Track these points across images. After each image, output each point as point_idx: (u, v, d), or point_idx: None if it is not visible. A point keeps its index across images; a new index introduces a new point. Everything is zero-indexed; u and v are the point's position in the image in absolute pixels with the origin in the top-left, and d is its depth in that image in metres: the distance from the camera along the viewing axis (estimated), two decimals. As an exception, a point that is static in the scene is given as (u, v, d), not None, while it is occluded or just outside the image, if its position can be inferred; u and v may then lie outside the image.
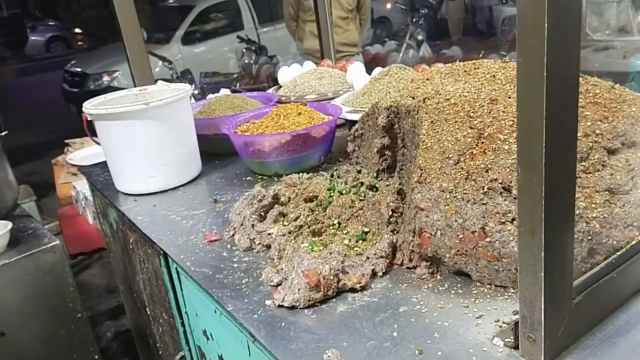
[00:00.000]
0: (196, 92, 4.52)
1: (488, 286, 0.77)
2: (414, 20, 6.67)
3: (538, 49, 0.47)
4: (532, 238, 0.54)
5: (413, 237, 0.82)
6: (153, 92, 1.45)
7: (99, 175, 1.55)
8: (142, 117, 1.24)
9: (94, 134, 1.35)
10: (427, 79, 1.02)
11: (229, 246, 0.99)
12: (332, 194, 1.04)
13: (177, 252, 1.01)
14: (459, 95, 0.90)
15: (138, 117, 1.24)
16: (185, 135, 1.36)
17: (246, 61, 5.02)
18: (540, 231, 0.53)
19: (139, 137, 1.26)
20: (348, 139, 1.25)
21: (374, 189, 1.04)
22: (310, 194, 1.07)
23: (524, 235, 0.55)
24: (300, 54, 3.57)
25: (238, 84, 4.84)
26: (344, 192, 1.04)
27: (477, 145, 0.81)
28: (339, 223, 0.97)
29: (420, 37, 5.92)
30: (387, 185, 1.02)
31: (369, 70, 1.77)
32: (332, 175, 1.18)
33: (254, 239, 0.97)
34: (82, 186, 2.01)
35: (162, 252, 1.05)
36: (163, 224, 1.14)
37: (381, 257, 0.85)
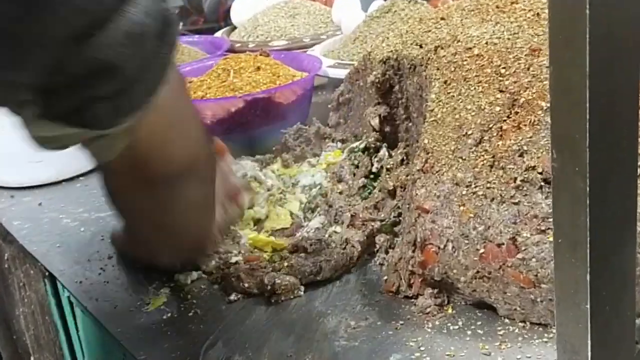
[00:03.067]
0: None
1: (521, 324, 0.78)
2: None
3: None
4: (573, 254, 0.55)
5: (413, 251, 0.83)
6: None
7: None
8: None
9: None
10: (442, 19, 1.03)
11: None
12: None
13: (70, 274, 1.01)
14: (486, 43, 0.91)
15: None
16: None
17: (194, -9, 4.99)
18: (585, 244, 0.54)
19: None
20: (330, 106, 1.25)
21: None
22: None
23: (561, 249, 0.55)
24: None
25: (181, 24, 4.81)
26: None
27: (508, 117, 0.82)
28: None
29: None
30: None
31: (365, 6, 1.78)
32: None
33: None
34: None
35: (48, 273, 1.05)
36: (52, 232, 1.14)
37: (367, 281, 0.86)
